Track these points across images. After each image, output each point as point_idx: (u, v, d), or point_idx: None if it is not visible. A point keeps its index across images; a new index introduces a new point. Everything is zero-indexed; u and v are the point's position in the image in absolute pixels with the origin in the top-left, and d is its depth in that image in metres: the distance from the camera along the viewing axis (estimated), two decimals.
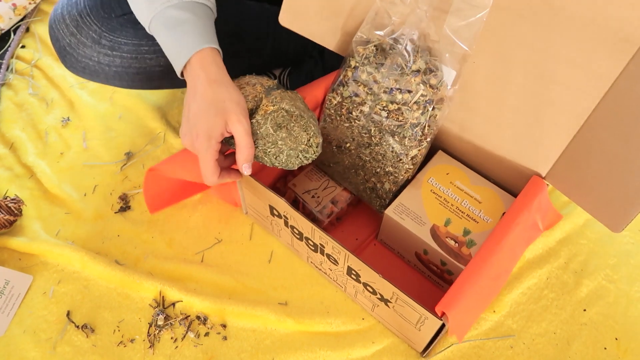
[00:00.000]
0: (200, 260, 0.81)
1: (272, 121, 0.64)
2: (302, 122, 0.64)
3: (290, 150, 0.64)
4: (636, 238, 0.84)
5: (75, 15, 0.77)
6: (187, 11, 0.62)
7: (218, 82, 0.62)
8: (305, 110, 0.67)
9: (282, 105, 0.64)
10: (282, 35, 0.90)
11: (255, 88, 0.67)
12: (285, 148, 0.64)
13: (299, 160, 0.65)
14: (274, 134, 0.64)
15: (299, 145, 0.65)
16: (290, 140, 0.64)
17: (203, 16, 0.64)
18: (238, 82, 0.68)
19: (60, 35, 0.78)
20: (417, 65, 0.66)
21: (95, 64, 0.79)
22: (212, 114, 0.60)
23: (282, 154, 0.64)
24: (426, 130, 0.69)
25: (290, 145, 0.64)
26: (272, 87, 0.68)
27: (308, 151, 0.65)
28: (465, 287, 0.59)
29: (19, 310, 0.75)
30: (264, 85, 0.68)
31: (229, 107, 0.60)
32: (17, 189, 0.88)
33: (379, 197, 0.76)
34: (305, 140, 0.64)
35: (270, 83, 0.69)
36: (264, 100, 0.66)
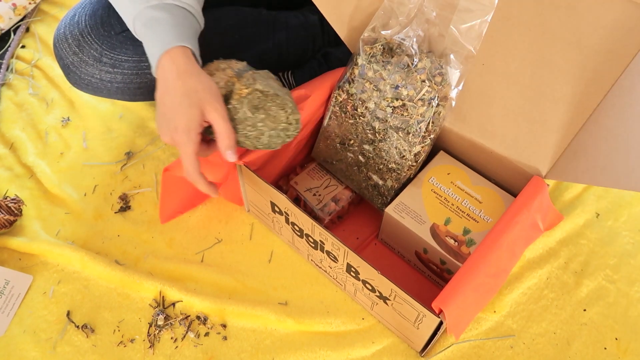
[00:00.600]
0: (200, 260, 0.81)
1: (248, 104, 0.63)
2: (279, 100, 0.64)
3: (271, 130, 0.65)
4: (636, 238, 0.84)
5: (77, 34, 0.79)
6: (164, 11, 0.63)
7: (188, 73, 0.61)
8: (280, 88, 0.66)
9: (255, 87, 0.63)
10: (282, 40, 0.90)
11: (226, 72, 0.66)
12: (266, 129, 0.64)
13: (280, 139, 0.66)
14: (252, 117, 0.63)
15: (279, 124, 0.65)
16: (270, 121, 0.64)
17: (179, 16, 0.64)
18: (208, 69, 0.67)
19: (63, 54, 0.80)
20: (423, 63, 0.67)
21: (97, 81, 0.81)
22: (187, 106, 0.59)
23: (263, 136, 0.65)
24: (430, 127, 0.70)
25: (270, 126, 0.64)
26: (242, 70, 0.67)
27: (288, 129, 0.66)
28: (462, 284, 0.59)
29: (19, 310, 0.75)
30: (234, 69, 0.67)
31: (203, 96, 0.60)
32: (17, 189, 0.88)
33: (381, 195, 0.77)
34: (284, 118, 0.64)
35: (240, 65, 0.68)
36: (237, 84, 0.64)
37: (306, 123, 0.77)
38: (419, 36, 0.68)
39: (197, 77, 0.61)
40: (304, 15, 0.94)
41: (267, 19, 0.89)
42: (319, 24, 0.95)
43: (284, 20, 0.91)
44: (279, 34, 0.90)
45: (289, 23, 0.91)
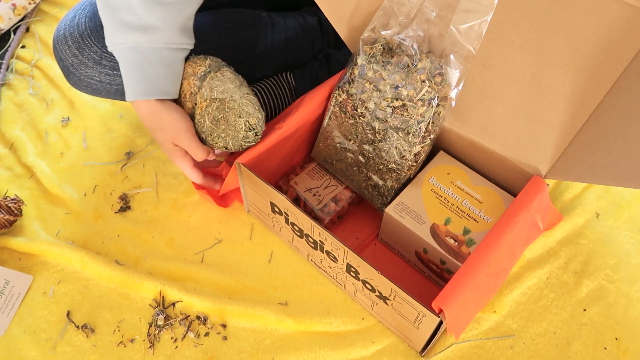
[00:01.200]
0: (200, 260, 0.81)
1: (209, 117, 0.69)
2: (235, 105, 0.68)
3: (234, 139, 0.69)
4: (636, 238, 0.84)
5: (77, 36, 0.80)
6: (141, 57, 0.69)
7: (155, 112, 0.71)
8: (236, 90, 0.69)
9: (212, 96, 0.68)
10: (281, 42, 0.91)
11: (189, 82, 0.71)
12: (230, 138, 0.70)
13: (246, 144, 0.71)
14: (216, 129, 0.69)
15: (239, 133, 0.69)
16: (231, 130, 0.69)
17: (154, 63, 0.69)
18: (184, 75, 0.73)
19: (63, 55, 0.81)
20: (423, 63, 0.67)
21: (97, 82, 0.82)
22: (161, 140, 0.73)
23: (229, 144, 0.70)
24: (430, 127, 0.70)
25: (232, 135, 0.69)
26: (204, 74, 0.71)
27: (248, 136, 0.70)
28: (462, 283, 0.59)
29: (19, 310, 0.75)
30: (198, 75, 0.71)
31: (171, 132, 0.71)
32: (17, 189, 0.88)
33: (381, 195, 0.77)
34: (242, 126, 0.68)
35: (204, 67, 0.71)
36: (198, 96, 0.70)
37: (305, 123, 0.77)
38: (419, 36, 0.68)
39: (168, 117, 0.70)
40: (303, 17, 0.94)
41: (266, 20, 0.89)
42: (317, 25, 0.95)
43: (282, 22, 0.91)
44: (278, 36, 0.90)
45: (287, 25, 0.91)
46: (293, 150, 0.82)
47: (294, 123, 0.75)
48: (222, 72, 0.71)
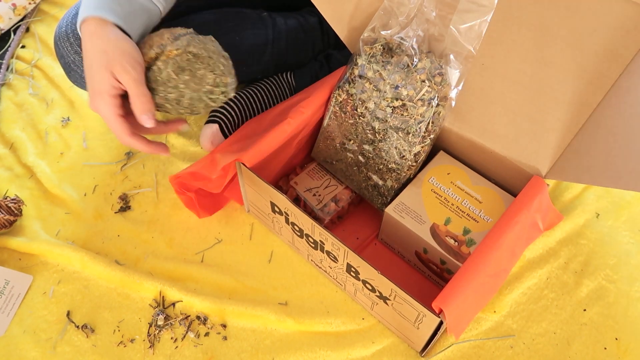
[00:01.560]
0: (200, 260, 0.81)
1: (173, 65, 0.60)
2: (210, 62, 0.61)
3: (193, 92, 0.61)
4: (636, 238, 0.84)
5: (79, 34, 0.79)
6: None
7: (97, 34, 0.59)
8: (217, 52, 0.63)
9: (188, 49, 0.61)
10: (281, 41, 0.90)
11: (162, 36, 0.64)
12: (188, 91, 0.61)
13: (203, 102, 0.62)
14: (175, 79, 0.61)
15: (203, 86, 0.61)
16: (194, 83, 0.61)
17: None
18: (148, 36, 0.66)
19: (65, 52, 0.81)
20: (423, 63, 0.67)
21: None
22: (96, 69, 0.58)
23: (183, 98, 0.61)
24: (430, 127, 0.70)
25: (192, 87, 0.61)
26: (182, 34, 0.64)
27: (213, 92, 0.62)
28: (463, 284, 0.59)
29: (19, 310, 0.75)
30: (174, 33, 0.64)
31: (112, 57, 0.57)
32: (17, 189, 0.88)
33: (381, 195, 0.77)
34: (210, 80, 0.61)
35: (182, 31, 0.65)
36: (169, 46, 0.62)
37: (306, 123, 0.77)
38: (419, 36, 0.68)
39: (108, 38, 0.58)
40: (304, 17, 0.94)
41: (267, 20, 0.89)
42: (318, 25, 0.95)
43: (283, 22, 0.91)
44: (279, 36, 0.90)
45: (288, 25, 0.91)
46: (294, 151, 0.82)
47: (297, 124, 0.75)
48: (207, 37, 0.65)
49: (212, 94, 0.62)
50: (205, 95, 0.62)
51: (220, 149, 0.74)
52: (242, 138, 0.76)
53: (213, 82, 0.62)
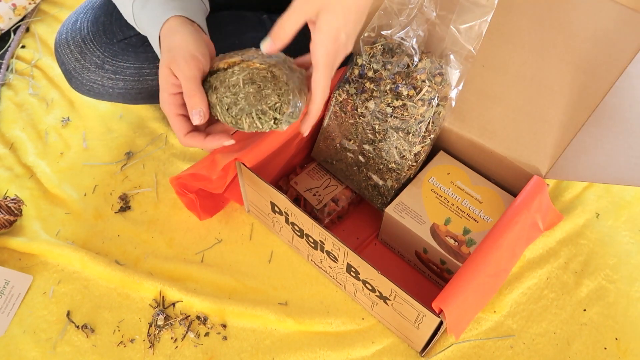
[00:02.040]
0: (200, 260, 0.81)
1: (247, 74, 0.58)
2: (283, 88, 0.58)
3: (247, 105, 0.57)
4: (636, 238, 0.84)
5: (79, 41, 0.80)
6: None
7: (166, 35, 0.59)
8: (297, 86, 0.59)
9: (272, 68, 0.58)
10: None
11: (258, 51, 0.62)
12: (244, 102, 0.57)
13: (250, 119, 0.58)
14: (241, 87, 0.58)
15: (260, 104, 0.57)
16: (254, 98, 0.57)
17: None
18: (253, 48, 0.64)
19: (65, 59, 0.81)
20: (423, 63, 0.67)
21: (99, 86, 0.82)
22: (160, 67, 0.58)
23: (235, 106, 0.58)
24: (430, 127, 0.70)
25: (250, 101, 0.57)
26: (277, 57, 0.62)
27: (266, 113, 0.57)
28: (463, 284, 0.59)
29: (19, 310, 0.75)
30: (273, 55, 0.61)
31: (173, 54, 0.57)
32: (17, 189, 0.88)
33: (381, 195, 0.77)
34: (271, 102, 0.57)
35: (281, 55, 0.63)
36: (257, 58, 0.60)
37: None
38: (419, 36, 0.68)
39: (172, 37, 0.58)
40: None
41: (266, 23, 0.89)
42: None
43: None
44: None
45: None
46: (294, 151, 0.82)
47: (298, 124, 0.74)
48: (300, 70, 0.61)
49: (263, 114, 0.58)
50: (256, 112, 0.58)
51: (221, 150, 0.74)
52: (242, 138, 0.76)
53: (272, 105, 0.58)
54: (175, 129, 0.59)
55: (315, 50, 0.53)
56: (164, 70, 0.58)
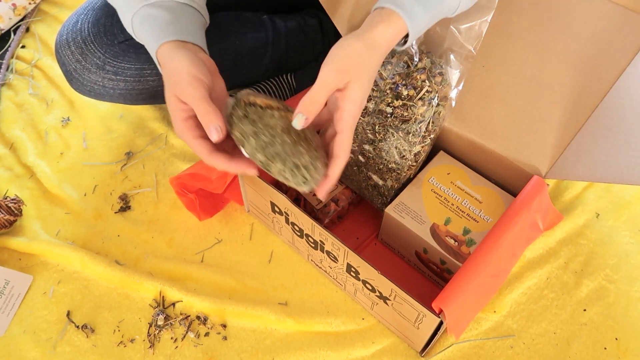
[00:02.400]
0: (200, 260, 0.81)
1: (286, 124, 0.56)
2: (313, 153, 0.56)
3: (283, 152, 0.54)
4: (636, 238, 0.84)
5: (80, 42, 0.80)
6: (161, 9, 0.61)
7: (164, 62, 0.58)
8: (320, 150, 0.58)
9: (305, 130, 0.57)
10: (282, 44, 0.91)
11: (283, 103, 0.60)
12: (280, 148, 0.54)
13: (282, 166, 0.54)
14: (279, 133, 0.55)
15: (296, 158, 0.54)
16: (290, 149, 0.55)
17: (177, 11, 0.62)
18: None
19: (66, 60, 0.81)
20: (423, 63, 0.67)
21: (100, 87, 0.82)
22: (166, 97, 0.57)
23: (271, 147, 0.54)
24: (430, 127, 0.70)
25: (287, 150, 0.54)
26: None
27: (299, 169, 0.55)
28: (463, 284, 0.59)
29: (19, 310, 0.75)
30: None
31: (175, 80, 0.56)
32: (17, 189, 0.88)
33: (381, 195, 0.77)
34: (305, 161, 0.55)
35: None
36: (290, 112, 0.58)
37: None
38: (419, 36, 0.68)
39: (171, 65, 0.57)
40: (303, 19, 0.95)
41: (267, 23, 0.90)
42: (318, 27, 0.95)
43: (283, 24, 0.91)
44: (279, 38, 0.90)
45: (288, 27, 0.91)
46: None
47: None
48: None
49: (296, 168, 0.55)
50: (291, 163, 0.55)
51: None
52: None
53: (305, 164, 0.55)
54: (198, 151, 0.57)
55: (345, 118, 0.55)
56: (171, 99, 0.57)
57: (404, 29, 0.56)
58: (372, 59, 0.55)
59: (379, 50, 0.56)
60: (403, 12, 0.55)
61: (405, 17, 0.55)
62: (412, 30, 0.56)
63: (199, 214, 0.81)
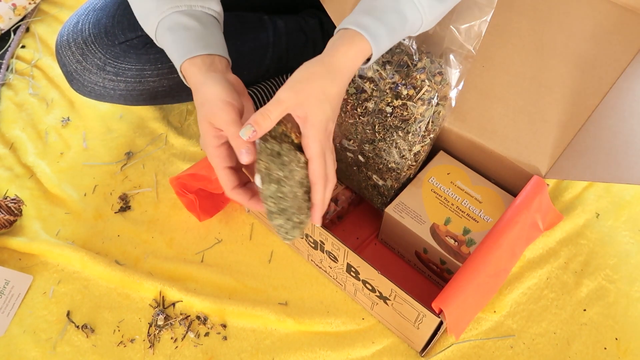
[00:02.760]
0: (200, 260, 0.81)
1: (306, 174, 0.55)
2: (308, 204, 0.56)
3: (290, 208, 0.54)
4: (636, 238, 0.84)
5: (80, 43, 0.80)
6: (192, 18, 0.61)
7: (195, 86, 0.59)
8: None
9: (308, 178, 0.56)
10: (282, 44, 0.91)
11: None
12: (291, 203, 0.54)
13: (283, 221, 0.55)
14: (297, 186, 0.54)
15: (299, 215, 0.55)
16: (298, 205, 0.55)
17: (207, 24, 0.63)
18: None
19: (66, 61, 0.81)
20: (423, 63, 0.67)
21: (100, 88, 0.82)
22: (199, 122, 0.58)
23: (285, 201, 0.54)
24: (430, 127, 0.70)
25: (294, 205, 0.54)
26: None
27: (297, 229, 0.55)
28: (463, 284, 0.59)
29: (19, 310, 0.75)
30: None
31: (209, 107, 0.56)
32: (17, 189, 0.88)
33: (381, 195, 0.77)
34: (303, 217, 0.55)
35: None
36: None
37: None
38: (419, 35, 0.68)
39: (202, 90, 0.58)
40: (304, 19, 0.95)
41: (267, 23, 0.89)
42: (318, 27, 0.95)
43: (283, 24, 0.91)
44: (279, 38, 0.90)
45: (288, 27, 0.91)
46: None
47: None
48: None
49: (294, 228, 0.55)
50: (295, 220, 0.55)
51: None
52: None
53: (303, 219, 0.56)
54: (223, 182, 0.58)
55: (310, 145, 0.54)
56: (204, 125, 0.57)
57: (367, 50, 0.56)
58: (334, 82, 0.55)
59: (341, 76, 0.55)
60: (367, 33, 0.55)
61: (370, 38, 0.55)
62: (375, 51, 0.56)
63: (198, 215, 0.81)
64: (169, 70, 0.82)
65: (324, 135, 0.55)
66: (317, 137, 0.54)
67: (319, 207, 0.56)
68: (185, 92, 0.86)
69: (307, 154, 0.55)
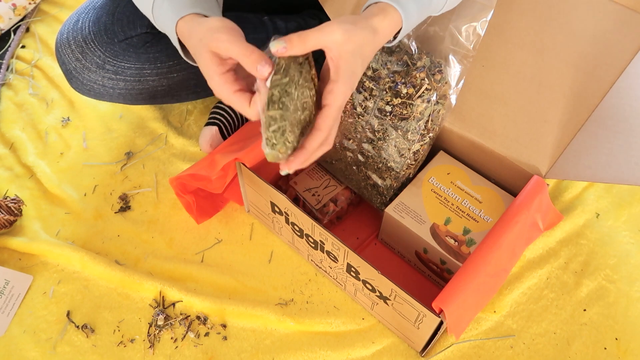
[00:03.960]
0: (200, 260, 0.81)
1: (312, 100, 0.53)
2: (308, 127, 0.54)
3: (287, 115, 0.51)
4: (636, 238, 0.84)
5: (80, 41, 0.80)
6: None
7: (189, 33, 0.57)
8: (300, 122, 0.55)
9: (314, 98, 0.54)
10: None
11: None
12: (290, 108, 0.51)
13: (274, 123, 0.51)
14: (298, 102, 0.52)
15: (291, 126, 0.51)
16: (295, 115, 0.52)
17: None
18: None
19: (66, 59, 0.81)
20: (422, 62, 0.67)
21: (100, 87, 0.82)
22: (198, 58, 0.55)
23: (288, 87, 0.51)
24: (429, 125, 0.70)
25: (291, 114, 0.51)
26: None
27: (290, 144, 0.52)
28: (463, 283, 0.59)
29: (19, 310, 0.75)
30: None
31: (207, 38, 0.53)
32: (17, 189, 0.88)
33: (380, 194, 0.77)
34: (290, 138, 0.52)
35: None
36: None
37: None
38: (418, 35, 0.68)
39: (196, 29, 0.56)
40: (304, 20, 0.95)
41: (267, 24, 0.89)
42: None
43: (284, 25, 0.91)
44: None
45: (289, 28, 0.91)
46: None
47: None
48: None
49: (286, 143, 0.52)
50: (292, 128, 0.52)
51: (220, 150, 0.75)
52: (241, 139, 0.76)
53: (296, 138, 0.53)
54: (238, 106, 0.55)
55: (335, 91, 0.52)
56: (206, 56, 0.54)
57: (398, 22, 0.56)
58: (373, 43, 0.54)
59: (378, 39, 0.55)
60: (399, 6, 0.55)
61: (401, 11, 0.55)
62: (405, 25, 0.56)
63: (195, 217, 0.81)
64: (169, 70, 0.82)
65: (349, 90, 0.52)
66: (343, 89, 0.52)
67: (305, 152, 0.53)
68: (185, 91, 0.86)
69: (327, 100, 0.52)
